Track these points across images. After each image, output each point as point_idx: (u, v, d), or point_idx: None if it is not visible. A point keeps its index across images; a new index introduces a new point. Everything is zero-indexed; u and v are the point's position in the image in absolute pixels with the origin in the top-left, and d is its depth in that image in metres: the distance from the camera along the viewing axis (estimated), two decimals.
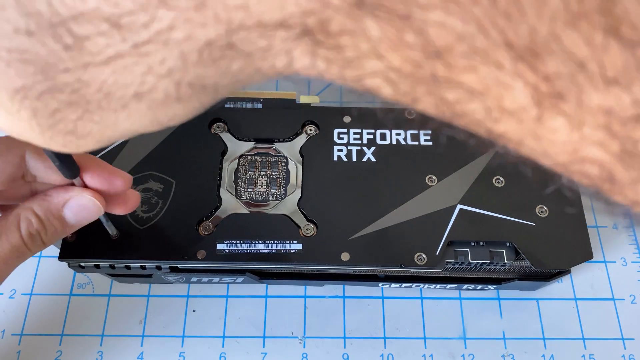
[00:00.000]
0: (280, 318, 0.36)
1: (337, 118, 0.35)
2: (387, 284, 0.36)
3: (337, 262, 0.31)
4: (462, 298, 0.37)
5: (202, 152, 0.34)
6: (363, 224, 0.32)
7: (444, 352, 0.35)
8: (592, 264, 0.38)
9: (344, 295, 0.37)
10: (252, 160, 0.34)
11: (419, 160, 0.34)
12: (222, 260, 0.31)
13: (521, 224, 0.32)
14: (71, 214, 0.25)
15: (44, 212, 0.25)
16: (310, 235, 0.31)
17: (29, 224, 0.25)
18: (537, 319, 0.36)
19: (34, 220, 0.25)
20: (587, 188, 0.13)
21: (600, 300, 0.37)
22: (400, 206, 0.32)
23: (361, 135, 0.35)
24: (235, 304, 0.37)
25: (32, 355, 0.35)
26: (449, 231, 0.31)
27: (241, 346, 0.35)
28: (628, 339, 0.36)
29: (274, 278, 0.35)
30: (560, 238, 0.32)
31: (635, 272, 0.38)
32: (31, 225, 0.25)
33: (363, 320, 0.36)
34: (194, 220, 0.31)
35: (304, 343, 0.35)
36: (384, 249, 0.31)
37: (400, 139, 0.35)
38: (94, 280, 0.37)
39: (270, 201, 0.33)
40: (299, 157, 0.34)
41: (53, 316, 0.36)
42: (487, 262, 0.31)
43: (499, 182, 0.33)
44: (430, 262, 0.31)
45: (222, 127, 0.35)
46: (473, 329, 0.36)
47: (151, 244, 0.31)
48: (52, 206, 0.25)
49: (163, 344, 0.35)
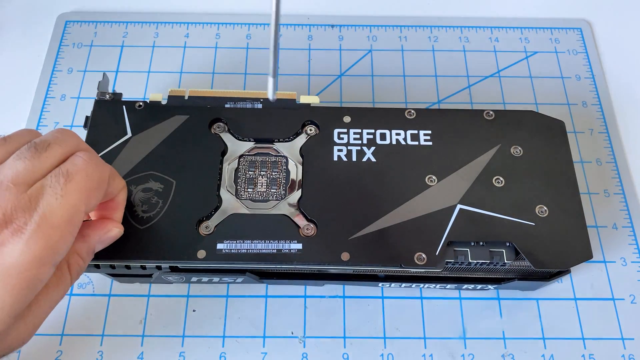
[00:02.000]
0: (280, 318, 0.36)
1: (337, 118, 0.35)
2: (387, 284, 0.36)
3: (337, 262, 0.31)
4: (462, 298, 0.37)
5: (202, 152, 0.34)
6: (363, 224, 0.32)
7: (444, 352, 0.35)
8: (592, 264, 0.38)
9: (344, 295, 0.37)
10: (252, 160, 0.34)
11: (419, 160, 0.34)
12: (222, 260, 0.31)
13: (521, 224, 0.32)
14: (102, 246, 0.29)
15: (87, 253, 0.28)
16: (310, 235, 0.31)
17: (79, 269, 0.27)
18: (537, 319, 0.36)
19: (81, 263, 0.28)
20: None
21: (600, 300, 0.37)
22: (400, 206, 0.32)
23: (361, 135, 0.35)
24: (235, 304, 0.37)
25: (32, 355, 0.35)
26: (449, 231, 0.31)
27: (241, 346, 0.35)
28: (628, 339, 0.36)
29: (274, 278, 0.35)
30: (560, 238, 0.32)
31: (635, 272, 0.38)
32: (79, 268, 0.27)
33: (363, 320, 0.36)
34: (194, 220, 0.31)
35: (304, 343, 0.35)
36: (384, 249, 0.31)
37: (400, 139, 0.35)
38: (94, 280, 0.37)
39: (270, 201, 0.33)
40: (299, 157, 0.34)
41: (53, 316, 0.36)
42: (487, 262, 0.31)
43: (499, 182, 0.33)
44: (430, 262, 0.31)
45: (222, 127, 0.35)
46: (473, 329, 0.36)
47: (151, 244, 0.31)
48: (92, 245, 0.28)
49: (163, 344, 0.35)
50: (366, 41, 0.47)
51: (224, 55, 0.46)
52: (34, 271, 0.23)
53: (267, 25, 0.48)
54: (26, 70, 0.45)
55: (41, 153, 0.25)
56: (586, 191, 0.41)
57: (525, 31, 0.48)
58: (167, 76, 0.45)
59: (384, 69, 0.46)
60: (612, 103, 0.45)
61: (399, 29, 0.48)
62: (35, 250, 0.23)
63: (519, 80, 0.45)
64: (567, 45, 0.47)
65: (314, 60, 0.46)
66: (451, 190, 0.33)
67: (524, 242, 0.31)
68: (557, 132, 0.35)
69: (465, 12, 0.49)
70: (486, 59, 0.46)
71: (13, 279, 0.23)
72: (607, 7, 0.50)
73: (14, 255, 0.23)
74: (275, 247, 0.31)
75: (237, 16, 0.48)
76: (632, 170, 0.42)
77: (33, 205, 0.24)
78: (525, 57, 0.47)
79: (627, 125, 0.44)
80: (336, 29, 0.48)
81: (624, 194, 0.41)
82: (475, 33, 0.48)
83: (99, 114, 0.35)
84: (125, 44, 0.47)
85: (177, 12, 0.49)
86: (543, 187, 0.33)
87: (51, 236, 0.23)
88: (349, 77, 0.45)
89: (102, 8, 0.49)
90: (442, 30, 0.48)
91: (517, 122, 0.35)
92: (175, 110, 0.35)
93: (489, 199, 0.32)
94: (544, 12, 0.49)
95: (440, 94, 0.45)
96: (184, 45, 0.47)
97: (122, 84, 0.44)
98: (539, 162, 0.34)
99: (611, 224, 0.40)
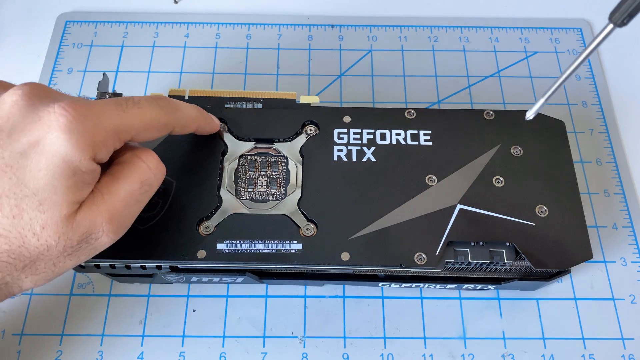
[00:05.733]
0: (280, 318, 0.36)
1: (337, 118, 0.35)
2: (387, 283, 0.36)
3: (337, 262, 0.31)
4: (462, 298, 0.37)
5: (202, 152, 0.34)
6: (363, 224, 0.32)
7: (444, 352, 0.35)
8: (592, 264, 0.38)
9: (344, 295, 0.37)
10: (252, 160, 0.34)
11: (419, 160, 0.34)
12: (222, 260, 0.31)
13: (521, 224, 0.32)
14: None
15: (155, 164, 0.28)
16: (310, 235, 0.31)
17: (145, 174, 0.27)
18: (537, 319, 0.36)
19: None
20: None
21: (600, 300, 0.37)
22: (400, 206, 0.32)
23: (361, 135, 0.35)
24: (235, 304, 0.37)
25: (32, 355, 0.35)
26: (449, 231, 0.31)
27: (241, 346, 0.35)
28: (628, 339, 0.36)
29: (274, 278, 0.35)
30: (560, 238, 0.32)
31: (635, 272, 0.38)
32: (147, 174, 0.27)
33: (363, 320, 0.36)
34: (194, 220, 0.31)
35: (304, 343, 0.35)
36: (384, 249, 0.31)
37: (400, 139, 0.35)
38: (94, 280, 0.37)
39: (270, 201, 0.33)
40: (299, 157, 0.34)
41: (53, 316, 0.36)
42: (487, 262, 0.31)
43: (499, 182, 0.33)
44: (430, 262, 0.31)
45: (222, 127, 0.35)
46: (473, 329, 0.36)
47: (151, 244, 0.31)
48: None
49: (163, 344, 0.35)
50: (366, 41, 0.47)
51: (224, 55, 0.46)
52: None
53: (267, 25, 0.48)
54: (26, 70, 0.45)
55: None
56: (586, 191, 0.41)
57: (525, 31, 0.48)
58: (167, 76, 0.45)
59: (384, 69, 0.46)
60: (612, 103, 0.45)
61: (399, 29, 0.48)
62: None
63: (519, 80, 0.45)
64: (567, 45, 0.47)
65: (314, 60, 0.46)
66: (451, 190, 0.33)
67: (524, 242, 0.31)
68: (557, 132, 0.35)
69: (465, 12, 0.49)
70: (486, 59, 0.46)
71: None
72: (607, 7, 0.50)
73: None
74: (275, 247, 0.31)
75: (237, 16, 0.48)
76: (632, 170, 0.42)
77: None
78: (525, 57, 0.47)
79: (627, 125, 0.44)
80: (336, 29, 0.48)
81: (624, 194, 0.41)
82: (475, 33, 0.48)
83: None
84: (125, 44, 0.47)
85: (177, 12, 0.49)
86: (543, 187, 0.33)
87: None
88: (349, 77, 0.45)
89: (102, 8, 0.49)
90: (442, 30, 0.48)
91: (517, 122, 0.35)
92: None
93: (489, 199, 0.32)
94: (544, 12, 0.49)
95: (440, 94, 0.45)
96: (184, 45, 0.47)
97: (122, 84, 0.44)
98: (539, 162, 0.34)
99: (611, 224, 0.40)
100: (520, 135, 0.35)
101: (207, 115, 0.33)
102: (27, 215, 0.23)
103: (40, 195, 0.23)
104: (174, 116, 0.28)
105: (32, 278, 0.25)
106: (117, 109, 0.25)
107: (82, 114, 0.24)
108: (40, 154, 0.23)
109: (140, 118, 0.26)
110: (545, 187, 0.33)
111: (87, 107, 0.24)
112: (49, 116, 0.23)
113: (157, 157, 0.28)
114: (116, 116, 0.25)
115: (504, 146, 0.34)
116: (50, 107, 0.24)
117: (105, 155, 0.25)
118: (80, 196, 0.24)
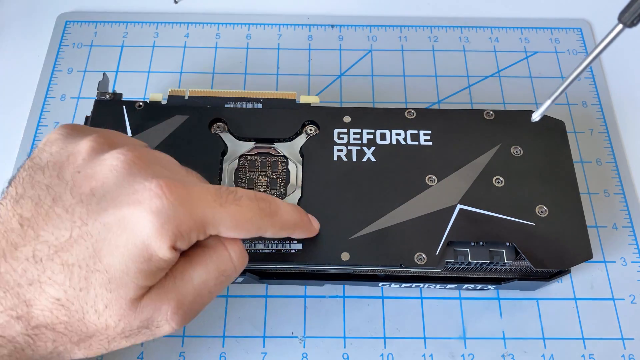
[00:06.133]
0: (280, 318, 0.36)
1: (337, 118, 0.35)
2: (387, 283, 0.36)
3: (337, 262, 0.31)
4: (462, 298, 0.37)
5: (202, 152, 0.34)
6: (363, 224, 0.32)
7: (444, 352, 0.35)
8: (592, 264, 0.38)
9: (344, 295, 0.37)
10: (252, 160, 0.34)
11: (419, 160, 0.34)
12: None
13: (521, 224, 0.32)
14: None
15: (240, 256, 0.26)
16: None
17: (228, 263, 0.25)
18: (537, 319, 0.36)
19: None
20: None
21: (600, 300, 0.37)
22: (400, 206, 0.32)
23: (361, 135, 0.35)
24: (235, 304, 0.37)
25: None
26: (449, 231, 0.31)
27: (241, 346, 0.35)
28: (628, 339, 0.36)
29: (274, 278, 0.35)
30: (560, 238, 0.32)
31: (635, 272, 0.38)
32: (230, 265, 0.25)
33: (363, 320, 0.36)
34: None
35: (304, 343, 0.35)
36: (384, 249, 0.31)
37: (400, 139, 0.35)
38: None
39: None
40: (299, 157, 0.34)
41: None
42: (487, 262, 0.31)
43: (499, 182, 0.33)
44: (430, 262, 0.31)
45: (222, 127, 0.35)
46: (473, 329, 0.36)
47: None
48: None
49: (163, 344, 0.35)
50: (366, 41, 0.47)
51: (224, 55, 0.46)
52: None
53: (267, 25, 0.48)
54: (26, 70, 0.45)
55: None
56: (586, 191, 0.41)
57: (525, 31, 0.48)
58: (167, 76, 0.45)
59: (384, 69, 0.46)
60: (612, 103, 0.45)
61: (399, 29, 0.48)
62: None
63: (519, 80, 0.45)
64: (567, 45, 0.47)
65: (314, 60, 0.46)
66: (451, 190, 0.33)
67: (524, 242, 0.31)
68: (557, 132, 0.35)
69: (465, 12, 0.49)
70: (486, 59, 0.46)
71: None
72: (607, 7, 0.50)
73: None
74: (275, 247, 0.31)
75: (237, 16, 0.48)
76: (632, 170, 0.42)
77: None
78: (525, 57, 0.47)
79: (627, 125, 0.44)
80: (336, 29, 0.48)
81: (624, 194, 0.41)
82: (475, 33, 0.48)
83: (99, 114, 0.35)
84: (125, 44, 0.47)
85: (177, 12, 0.49)
86: (543, 187, 0.33)
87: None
88: (349, 77, 0.45)
89: (102, 8, 0.49)
90: (442, 30, 0.48)
91: (517, 122, 0.35)
92: (175, 110, 0.35)
93: (489, 199, 0.32)
94: (544, 12, 0.49)
95: (440, 94, 0.45)
96: (184, 45, 0.47)
97: (122, 84, 0.44)
98: (539, 162, 0.34)
99: (611, 224, 0.40)
100: (521, 135, 0.35)
101: (307, 220, 0.29)
102: (93, 290, 0.22)
103: (111, 273, 0.22)
104: (270, 221, 0.26)
105: (85, 352, 0.24)
106: (215, 201, 0.24)
107: (177, 200, 0.22)
108: (123, 230, 0.22)
109: (236, 217, 0.24)
110: (545, 187, 0.33)
111: (185, 192, 0.23)
112: (144, 193, 0.22)
113: (242, 246, 0.26)
114: (211, 209, 0.23)
115: (504, 146, 0.34)
116: (147, 182, 0.22)
117: (185, 245, 0.23)
118: (151, 282, 0.23)
